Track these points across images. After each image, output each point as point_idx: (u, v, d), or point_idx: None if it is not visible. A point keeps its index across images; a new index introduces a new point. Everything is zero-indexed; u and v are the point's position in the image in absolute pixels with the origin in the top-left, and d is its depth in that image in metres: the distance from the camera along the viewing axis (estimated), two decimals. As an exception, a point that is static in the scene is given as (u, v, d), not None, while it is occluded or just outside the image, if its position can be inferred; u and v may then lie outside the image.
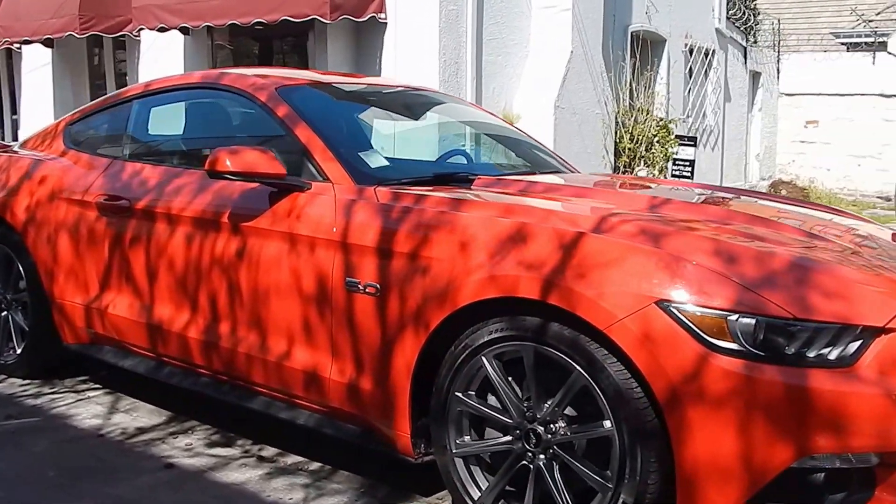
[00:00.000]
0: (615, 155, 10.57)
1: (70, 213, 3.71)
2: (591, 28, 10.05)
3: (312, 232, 2.83)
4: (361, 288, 2.69)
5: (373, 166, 3.10)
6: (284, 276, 2.90)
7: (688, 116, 12.80)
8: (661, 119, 10.84)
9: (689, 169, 10.72)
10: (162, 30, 9.35)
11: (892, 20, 15.14)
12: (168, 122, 3.83)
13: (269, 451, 3.22)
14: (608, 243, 2.30)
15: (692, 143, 11.12)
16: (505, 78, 9.34)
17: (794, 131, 16.07)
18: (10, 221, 3.91)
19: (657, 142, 10.61)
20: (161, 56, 10.07)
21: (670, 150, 10.61)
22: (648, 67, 11.55)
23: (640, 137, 10.39)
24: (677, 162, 10.75)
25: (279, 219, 2.93)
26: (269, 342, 2.99)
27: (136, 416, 3.59)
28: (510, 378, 2.47)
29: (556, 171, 3.69)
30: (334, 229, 2.78)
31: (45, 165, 3.92)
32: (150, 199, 3.38)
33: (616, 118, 10.53)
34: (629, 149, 10.70)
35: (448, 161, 3.72)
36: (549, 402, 2.40)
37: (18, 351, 4.00)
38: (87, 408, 3.68)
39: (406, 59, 8.57)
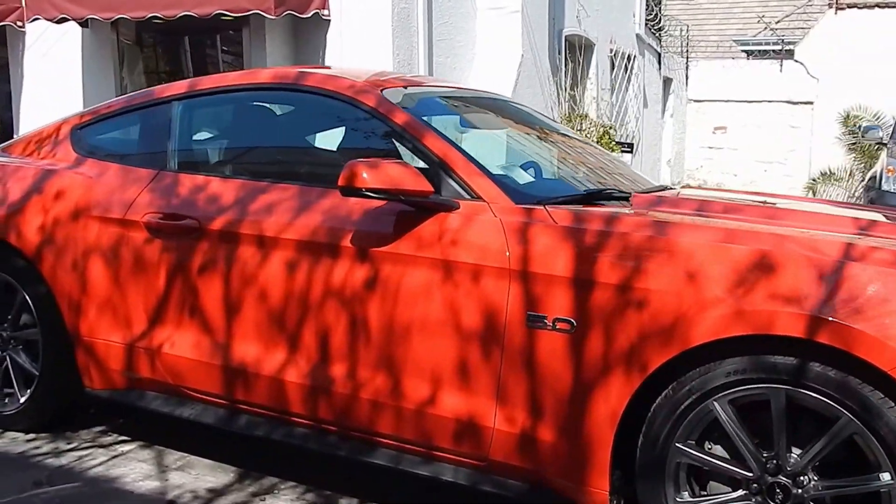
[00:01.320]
0: (560, 161, 10.58)
1: (105, 234, 3.21)
2: (539, 31, 10.01)
3: (478, 259, 2.52)
4: (549, 324, 2.41)
5: (520, 182, 2.82)
6: (434, 310, 2.58)
7: (615, 122, 13.00)
8: (604, 125, 10.94)
9: (630, 176, 10.83)
10: (63, 20, 8.60)
11: (800, 29, 15.96)
12: (227, 127, 3.40)
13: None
14: (883, 274, 2.13)
15: (630, 149, 11.29)
16: (454, 81, 9.13)
17: (703, 137, 16.68)
18: (16, 244, 3.35)
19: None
20: (52, 50, 9.33)
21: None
22: (580, 73, 11.65)
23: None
24: (620, 169, 10.82)
25: (426, 243, 2.60)
26: (406, 386, 2.66)
27: (197, 474, 3.13)
28: (744, 425, 2.27)
29: (665, 188, 3.51)
30: (507, 255, 2.48)
31: (60, 177, 3.38)
32: (231, 219, 2.95)
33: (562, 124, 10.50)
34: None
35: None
36: (799, 452, 2.21)
37: (22, 399, 3.44)
38: (130, 466, 3.19)
39: (354, 59, 8.21)
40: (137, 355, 3.17)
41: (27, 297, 3.37)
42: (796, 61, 15.67)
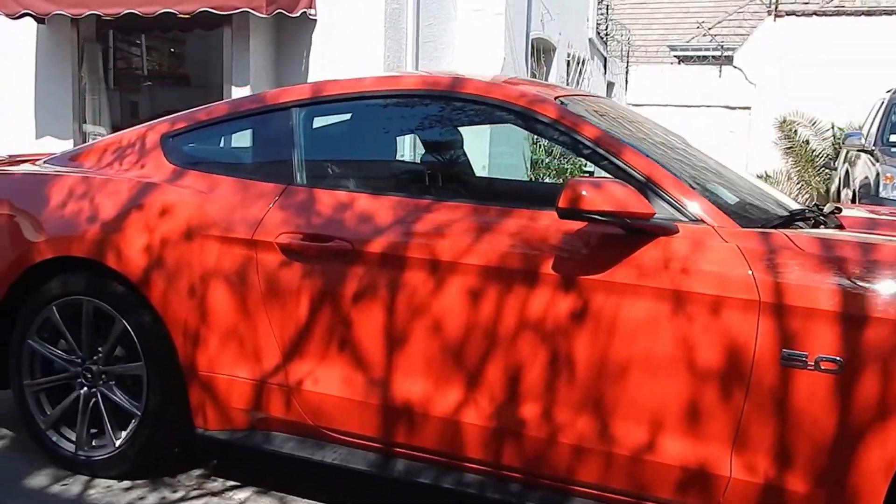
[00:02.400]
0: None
1: (228, 256, 2.79)
2: (518, 34, 9.79)
3: (718, 290, 2.24)
4: (810, 363, 2.15)
5: (731, 202, 2.55)
6: (659, 345, 2.28)
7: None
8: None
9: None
10: (23, 16, 7.93)
11: (739, 36, 16.23)
12: (366, 138, 3.00)
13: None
14: None
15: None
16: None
17: (643, 141, 16.77)
18: (116, 267, 2.88)
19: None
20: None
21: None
22: (544, 76, 11.48)
23: (554, 150, 10.21)
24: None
25: (649, 271, 2.30)
26: (618, 430, 2.36)
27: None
28: None
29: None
30: (755, 286, 2.21)
31: (162, 191, 2.93)
32: (393, 241, 2.58)
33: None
34: (544, 162, 10.56)
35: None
36: None
37: (118, 442, 2.98)
38: (257, 518, 2.79)
39: (341, 59, 7.79)
40: (268, 393, 2.76)
41: (128, 327, 2.91)
42: (735, 67, 15.93)
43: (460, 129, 2.89)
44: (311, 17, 7.92)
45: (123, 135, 3.26)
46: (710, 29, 17.10)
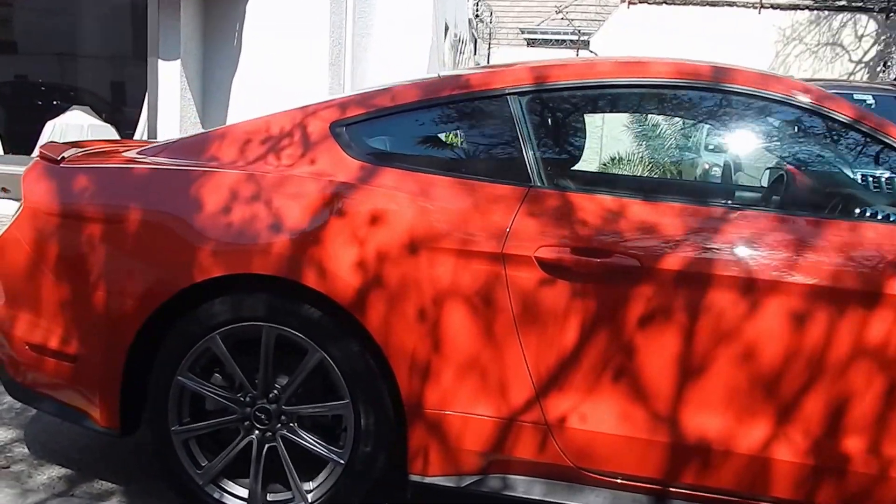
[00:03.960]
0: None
1: (469, 273, 2.26)
2: (439, 15, 9.30)
3: None
4: None
5: None
6: None
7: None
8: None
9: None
10: None
11: (595, 21, 16.52)
12: (611, 132, 2.52)
13: None
14: None
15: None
16: (369, 62, 8.19)
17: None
18: (319, 287, 2.28)
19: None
20: None
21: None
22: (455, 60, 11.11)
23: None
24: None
25: None
26: None
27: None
28: None
29: None
30: None
31: (368, 194, 2.34)
32: (695, 257, 2.18)
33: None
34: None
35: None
36: None
37: (311, 496, 2.38)
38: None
39: (279, 37, 7.04)
40: (517, 432, 2.28)
41: (328, 359, 2.30)
42: (591, 52, 16.22)
43: (735, 124, 2.48)
44: (245, -16, 7.10)
45: (264, 122, 2.59)
46: (566, 12, 17.31)
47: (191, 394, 2.44)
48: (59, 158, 2.62)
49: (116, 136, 6.91)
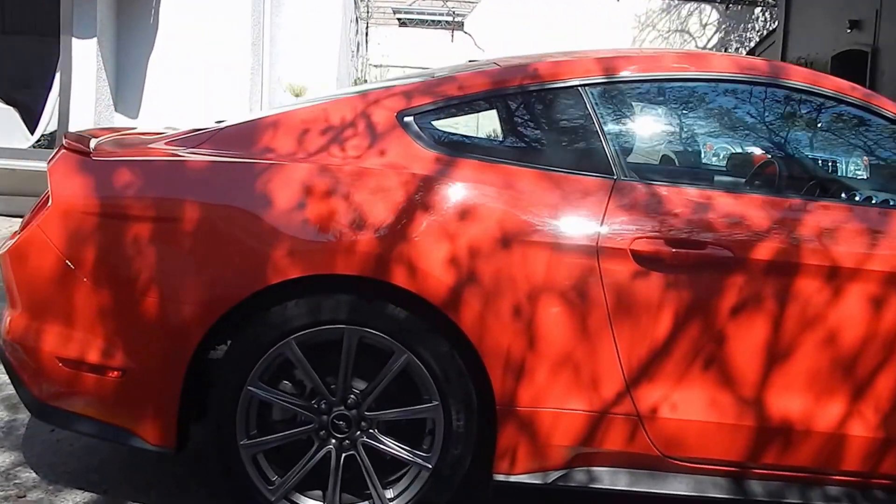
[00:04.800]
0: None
1: (563, 267, 2.18)
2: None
3: None
4: None
5: None
6: None
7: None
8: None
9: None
10: None
11: (469, 3, 16.52)
12: (678, 125, 2.47)
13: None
14: None
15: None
16: (285, 41, 7.82)
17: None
18: (410, 287, 2.13)
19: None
20: None
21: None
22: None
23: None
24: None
25: None
26: None
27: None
28: None
29: None
30: None
31: (454, 188, 2.20)
32: (783, 247, 2.19)
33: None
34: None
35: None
36: None
37: (396, 505, 2.24)
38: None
39: (199, 17, 6.60)
40: (608, 424, 2.23)
41: (417, 361, 2.16)
42: (465, 33, 16.27)
43: (790, 117, 2.51)
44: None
45: (320, 110, 2.39)
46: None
47: (260, 404, 2.22)
48: (90, 150, 2.30)
49: (19, 120, 6.22)
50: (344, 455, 2.23)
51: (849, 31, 10.63)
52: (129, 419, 2.25)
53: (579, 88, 2.36)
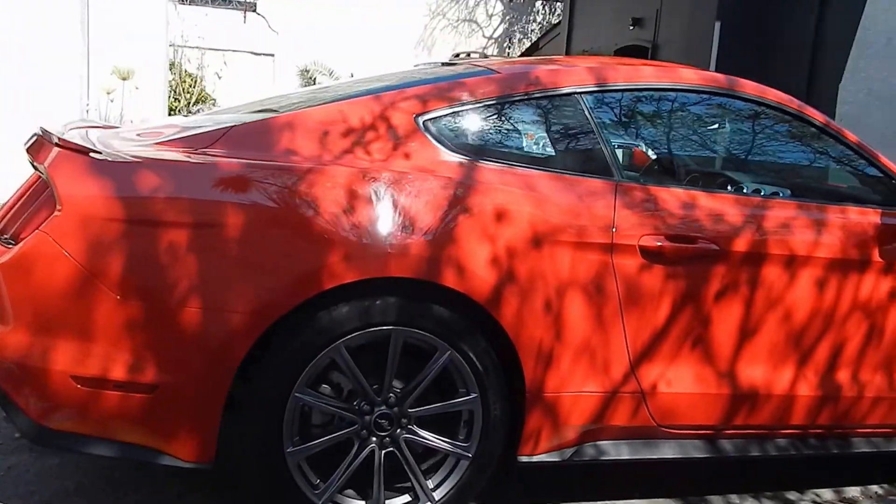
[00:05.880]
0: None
1: (585, 263, 2.38)
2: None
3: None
4: None
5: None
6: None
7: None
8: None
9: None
10: None
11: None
12: (659, 130, 2.69)
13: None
14: None
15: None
16: (109, 24, 7.23)
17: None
18: (458, 287, 2.20)
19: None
20: None
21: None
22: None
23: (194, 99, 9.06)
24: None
25: None
26: None
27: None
28: None
29: None
30: None
31: (487, 191, 2.30)
32: (756, 239, 2.54)
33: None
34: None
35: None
36: None
37: (438, 495, 2.33)
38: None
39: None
40: (616, 402, 2.48)
41: (459, 358, 2.26)
42: (259, 14, 15.80)
43: (741, 124, 2.83)
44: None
45: (336, 112, 2.38)
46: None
47: (303, 411, 2.20)
48: (97, 150, 2.12)
49: None
50: (384, 452, 2.27)
51: (631, 27, 11.70)
52: (158, 437, 2.13)
53: (574, 95, 2.55)
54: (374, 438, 2.26)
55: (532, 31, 17.85)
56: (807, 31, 8.03)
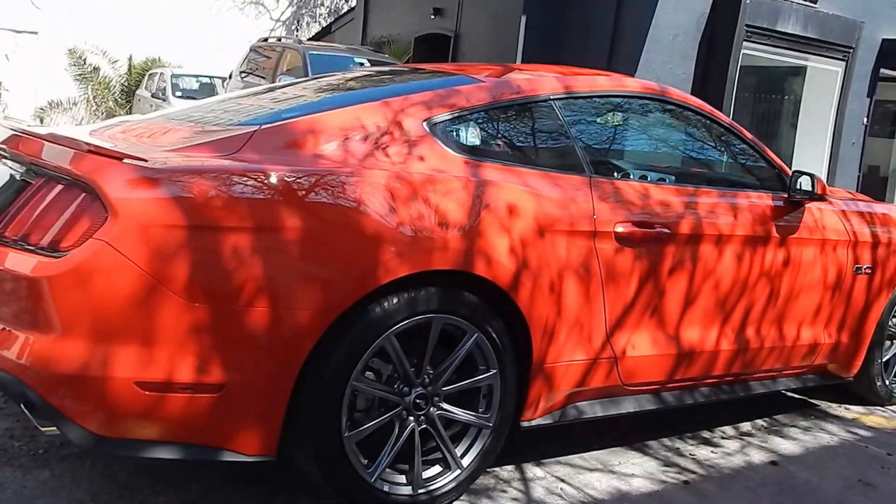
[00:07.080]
0: None
1: (576, 249, 2.73)
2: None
3: (836, 236, 3.51)
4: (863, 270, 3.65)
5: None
6: (814, 274, 3.46)
7: None
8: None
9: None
10: None
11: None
12: (611, 131, 3.04)
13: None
14: None
15: None
16: None
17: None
18: (487, 275, 2.46)
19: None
20: None
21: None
22: None
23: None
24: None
25: (811, 229, 3.41)
26: (786, 331, 3.45)
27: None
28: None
29: None
30: (847, 232, 3.56)
31: (498, 188, 2.56)
32: (695, 223, 3.02)
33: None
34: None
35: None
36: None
37: (466, 462, 2.58)
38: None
39: None
40: (596, 367, 2.87)
41: (483, 339, 2.53)
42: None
43: (671, 124, 3.28)
44: None
45: (352, 117, 2.53)
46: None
47: (354, 397, 2.34)
48: (143, 159, 2.12)
49: None
50: (421, 429, 2.48)
51: (433, 17, 12.19)
52: (222, 435, 2.19)
53: (550, 101, 2.88)
54: (411, 418, 2.46)
55: (321, 15, 17.84)
56: (606, 25, 8.91)
